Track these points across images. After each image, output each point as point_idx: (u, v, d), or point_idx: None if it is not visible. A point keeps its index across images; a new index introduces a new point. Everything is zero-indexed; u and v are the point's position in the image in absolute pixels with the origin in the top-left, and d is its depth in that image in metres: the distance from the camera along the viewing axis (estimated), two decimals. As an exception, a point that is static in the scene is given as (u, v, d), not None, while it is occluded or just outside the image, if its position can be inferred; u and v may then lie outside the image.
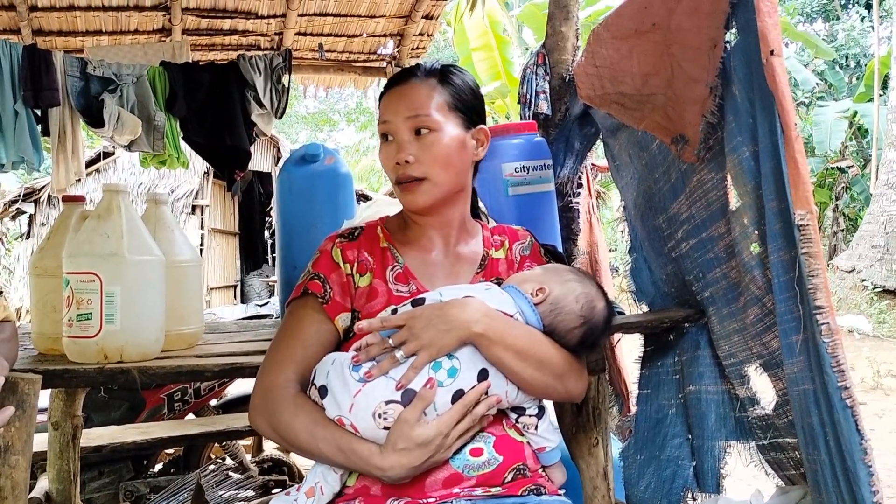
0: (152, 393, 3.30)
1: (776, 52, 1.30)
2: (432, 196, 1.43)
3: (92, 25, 4.66)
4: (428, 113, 1.42)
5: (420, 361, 1.25)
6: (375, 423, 1.23)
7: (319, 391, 1.29)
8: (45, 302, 1.80)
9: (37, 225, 11.45)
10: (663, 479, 1.95)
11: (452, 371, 1.27)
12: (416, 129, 1.42)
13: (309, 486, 1.31)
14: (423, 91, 1.45)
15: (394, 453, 1.22)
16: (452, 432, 1.24)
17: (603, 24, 2.07)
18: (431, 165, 1.42)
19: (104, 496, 3.01)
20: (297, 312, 1.44)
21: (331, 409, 1.26)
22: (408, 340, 1.27)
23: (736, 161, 1.52)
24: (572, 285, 1.41)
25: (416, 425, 1.22)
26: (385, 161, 1.46)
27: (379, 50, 5.38)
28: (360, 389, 1.24)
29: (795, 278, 1.32)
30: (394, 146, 1.44)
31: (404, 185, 1.43)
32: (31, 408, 1.44)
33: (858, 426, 1.25)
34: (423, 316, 1.29)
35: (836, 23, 19.77)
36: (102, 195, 1.71)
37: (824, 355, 1.27)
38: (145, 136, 4.16)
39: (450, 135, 1.44)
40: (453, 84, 1.48)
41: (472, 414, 1.27)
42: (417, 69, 1.49)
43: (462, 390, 1.27)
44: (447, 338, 1.27)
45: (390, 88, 1.49)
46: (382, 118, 1.46)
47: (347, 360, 1.29)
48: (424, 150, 1.41)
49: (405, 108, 1.43)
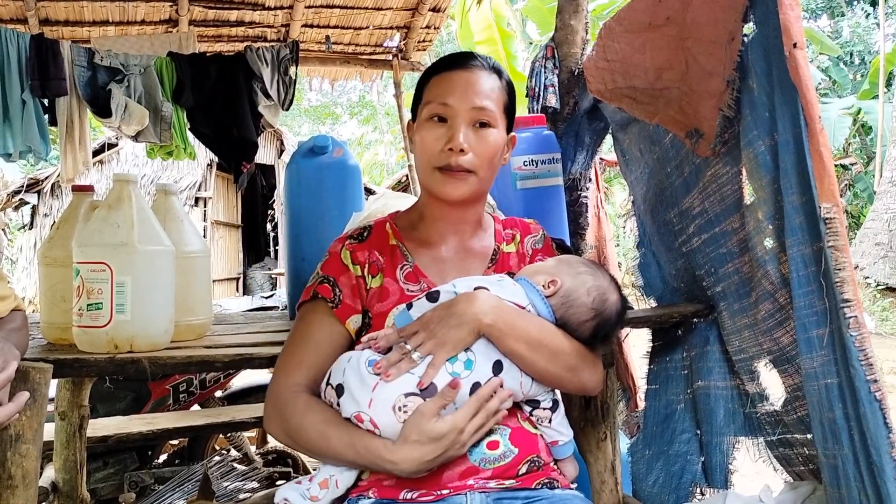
0: (158, 384, 3.30)
1: (799, 44, 1.29)
2: (472, 190, 1.42)
3: (99, 15, 4.66)
4: (493, 108, 1.41)
5: (438, 360, 1.25)
6: (395, 417, 1.23)
7: (336, 390, 1.28)
8: (55, 291, 1.80)
9: (40, 216, 11.47)
10: (672, 474, 1.95)
11: (468, 363, 1.27)
12: (477, 122, 1.40)
13: (323, 477, 1.30)
14: (491, 84, 1.42)
15: (406, 446, 1.21)
16: (468, 427, 1.23)
17: (615, 18, 2.06)
18: (483, 161, 1.40)
19: (109, 486, 3.02)
20: (306, 317, 1.43)
21: (348, 406, 1.25)
22: (423, 341, 1.26)
23: (751, 155, 1.51)
24: (584, 278, 1.40)
25: (431, 419, 1.21)
26: (433, 143, 1.40)
27: (385, 42, 5.38)
28: (378, 383, 1.23)
29: (819, 272, 1.31)
30: (446, 130, 1.39)
31: (452, 172, 1.39)
32: (41, 397, 1.44)
33: (887, 420, 1.24)
34: (434, 316, 1.29)
35: (840, 19, 19.73)
36: (112, 185, 1.71)
37: (851, 349, 1.27)
38: (152, 127, 4.15)
39: (501, 135, 1.43)
40: (509, 86, 1.47)
41: (486, 409, 1.26)
42: (478, 58, 1.45)
43: (479, 382, 1.27)
44: (460, 332, 1.26)
45: (449, 70, 1.43)
46: (442, 100, 1.40)
47: (364, 357, 1.28)
48: (481, 143, 1.39)
49: (474, 96, 1.39)
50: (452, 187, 1.40)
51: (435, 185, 1.42)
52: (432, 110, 1.41)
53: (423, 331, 1.28)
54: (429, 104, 1.42)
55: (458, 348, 1.26)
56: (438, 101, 1.40)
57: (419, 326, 1.29)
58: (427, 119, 1.42)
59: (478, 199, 1.47)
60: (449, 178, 1.40)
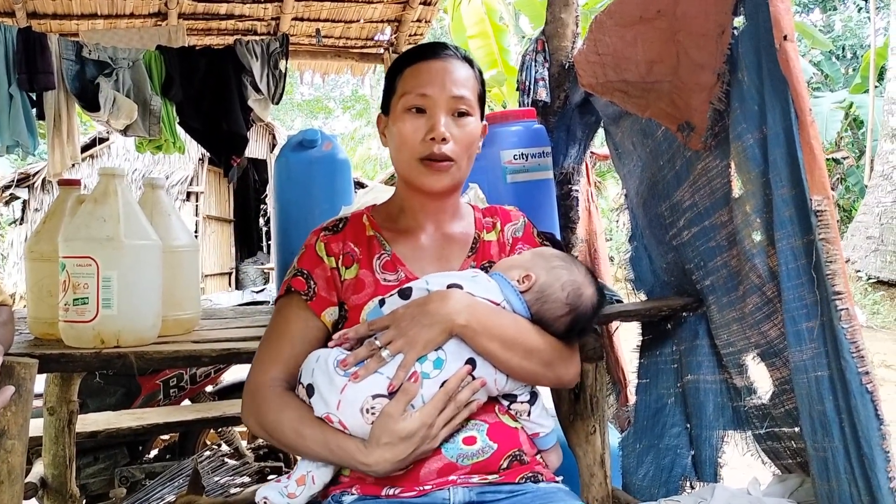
0: (148, 379, 3.29)
1: (789, 37, 1.29)
2: (454, 180, 1.41)
3: (87, 9, 4.62)
4: (471, 97, 1.40)
5: (408, 360, 1.23)
6: (364, 419, 1.22)
7: (307, 390, 1.27)
8: (41, 286, 1.79)
9: (30, 210, 11.42)
10: (662, 467, 1.96)
11: (438, 362, 1.25)
12: (456, 111, 1.39)
13: (300, 474, 1.29)
14: (466, 74, 1.41)
15: (378, 448, 1.20)
16: (437, 421, 1.23)
17: (606, 12, 2.05)
18: (463, 148, 1.39)
19: (99, 482, 3.01)
20: (282, 311, 1.42)
21: (318, 406, 1.25)
22: (394, 339, 1.25)
23: (740, 148, 1.51)
24: (559, 272, 1.37)
25: (399, 419, 1.20)
26: (412, 134, 1.38)
27: (376, 36, 5.34)
28: (347, 384, 1.23)
29: (810, 264, 1.31)
30: (426, 120, 1.38)
31: (435, 163, 1.38)
32: (27, 392, 1.42)
33: (878, 411, 1.24)
34: (406, 314, 1.27)
35: (833, 13, 19.75)
36: (99, 179, 1.69)
37: (842, 341, 1.27)
38: (141, 121, 4.13)
39: (478, 123, 1.43)
40: (480, 75, 1.47)
41: (456, 401, 1.25)
42: (449, 48, 1.44)
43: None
44: (431, 332, 1.25)
45: (424, 60, 1.41)
46: (420, 91, 1.38)
47: (332, 357, 1.27)
48: (461, 132, 1.38)
49: (452, 85, 1.38)
50: (435, 179, 1.39)
51: (417, 177, 1.41)
52: (410, 101, 1.39)
53: (393, 328, 1.27)
54: (405, 95, 1.40)
55: (428, 348, 1.25)
56: (416, 91, 1.38)
57: (390, 321, 1.28)
58: (404, 111, 1.40)
59: (457, 188, 1.47)
60: (432, 170, 1.38)
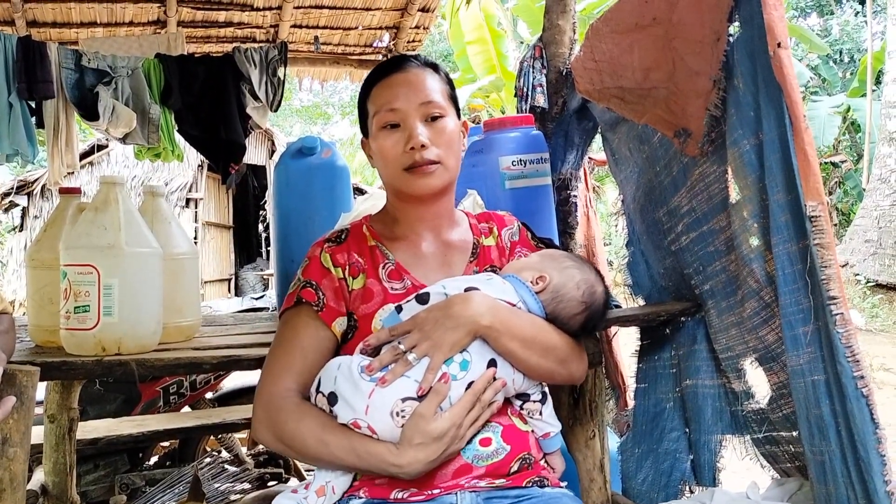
0: (148, 386, 3.29)
1: (783, 44, 1.30)
2: (443, 181, 1.43)
3: (86, 17, 4.64)
4: (439, 100, 1.43)
5: (435, 362, 1.25)
6: (394, 422, 1.22)
7: (328, 399, 1.27)
8: (42, 294, 1.79)
9: (30, 218, 11.42)
10: (661, 471, 1.96)
11: (464, 364, 1.28)
12: (429, 116, 1.41)
13: (320, 484, 1.29)
14: (429, 78, 1.44)
15: (410, 449, 1.21)
16: (465, 421, 1.25)
17: (602, 19, 2.06)
18: (446, 150, 1.42)
19: (100, 489, 3.01)
20: (291, 322, 1.42)
21: (343, 413, 1.24)
22: (418, 343, 1.26)
23: (736, 154, 1.52)
24: (571, 272, 1.43)
25: (431, 420, 1.21)
26: (392, 149, 1.41)
27: (375, 43, 5.36)
28: (374, 389, 1.23)
29: (805, 269, 1.32)
30: (403, 133, 1.41)
31: (419, 168, 1.40)
32: (29, 400, 1.43)
33: (873, 416, 1.25)
34: (430, 318, 1.29)
35: (830, 18, 19.79)
36: (99, 187, 1.70)
37: (838, 345, 1.28)
38: (140, 129, 4.14)
39: (454, 122, 1.46)
40: (446, 76, 1.50)
41: (481, 401, 1.27)
42: (410, 58, 1.48)
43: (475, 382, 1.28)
44: (457, 334, 1.27)
45: (387, 76, 1.45)
46: (389, 106, 1.41)
47: (355, 363, 1.27)
48: (438, 134, 1.41)
49: (417, 95, 1.41)
50: (424, 182, 1.41)
51: (406, 186, 1.43)
52: (382, 119, 1.42)
53: (417, 332, 1.28)
54: (377, 114, 1.43)
55: (454, 350, 1.27)
56: (386, 108, 1.42)
57: (412, 326, 1.30)
58: (379, 129, 1.43)
59: (448, 189, 1.49)
60: (418, 176, 1.41)
